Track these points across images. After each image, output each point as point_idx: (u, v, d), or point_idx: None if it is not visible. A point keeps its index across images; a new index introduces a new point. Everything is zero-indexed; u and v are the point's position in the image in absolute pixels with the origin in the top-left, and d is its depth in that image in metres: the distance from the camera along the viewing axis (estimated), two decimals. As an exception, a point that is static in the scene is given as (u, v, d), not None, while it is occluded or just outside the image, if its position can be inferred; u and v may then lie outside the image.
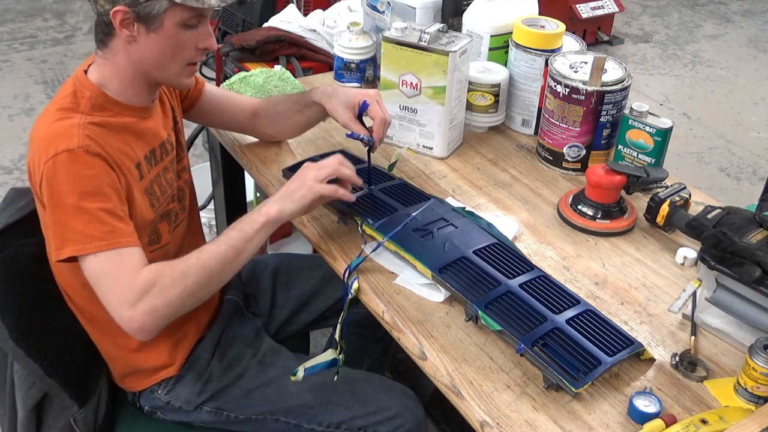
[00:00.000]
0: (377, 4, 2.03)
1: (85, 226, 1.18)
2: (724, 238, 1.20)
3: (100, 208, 1.20)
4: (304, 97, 1.61)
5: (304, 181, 1.33)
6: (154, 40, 1.25)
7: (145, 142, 1.35)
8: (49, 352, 1.32)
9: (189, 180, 1.55)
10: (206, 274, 1.25)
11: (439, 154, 1.74)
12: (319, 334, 2.22)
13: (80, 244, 1.19)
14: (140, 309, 1.19)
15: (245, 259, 1.30)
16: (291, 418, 1.44)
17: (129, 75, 1.29)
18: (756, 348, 1.10)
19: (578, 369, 1.12)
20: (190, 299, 1.25)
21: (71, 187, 1.18)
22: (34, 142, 1.23)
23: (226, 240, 1.28)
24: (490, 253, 1.35)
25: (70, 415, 1.35)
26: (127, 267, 1.21)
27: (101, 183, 1.21)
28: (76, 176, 1.19)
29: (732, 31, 5.50)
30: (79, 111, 1.25)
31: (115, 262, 1.20)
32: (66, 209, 1.18)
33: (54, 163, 1.18)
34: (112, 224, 1.20)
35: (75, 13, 5.12)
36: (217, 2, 1.24)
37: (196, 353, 1.48)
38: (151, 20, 1.22)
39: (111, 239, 1.19)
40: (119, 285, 1.19)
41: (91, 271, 1.21)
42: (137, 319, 1.19)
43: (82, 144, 1.20)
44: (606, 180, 1.48)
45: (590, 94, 1.60)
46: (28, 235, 1.38)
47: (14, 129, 3.67)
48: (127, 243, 1.21)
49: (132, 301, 1.19)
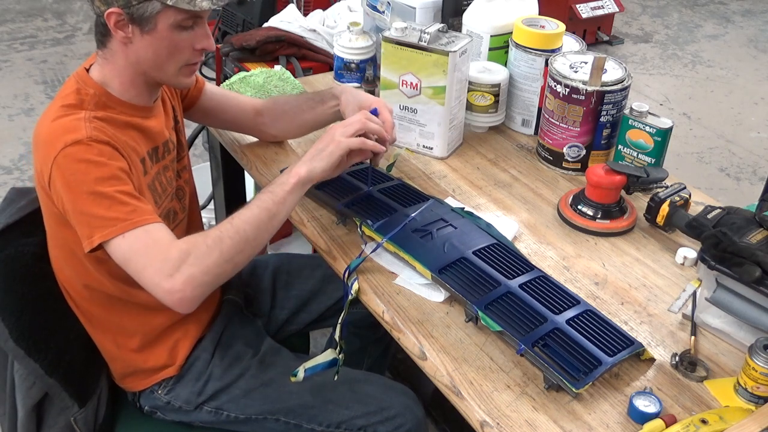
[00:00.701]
0: (377, 4, 2.03)
1: (107, 210, 1.17)
2: (724, 238, 1.20)
3: (118, 190, 1.19)
4: (322, 92, 1.61)
5: (333, 138, 1.32)
6: (148, 42, 1.24)
7: (149, 139, 1.35)
8: (49, 352, 1.32)
9: (189, 179, 1.55)
10: (241, 238, 1.23)
11: (439, 154, 1.74)
12: (319, 334, 2.22)
13: (107, 228, 1.17)
14: (179, 279, 1.17)
15: (279, 222, 1.28)
16: (291, 418, 1.44)
17: (129, 75, 1.29)
18: (756, 348, 1.10)
19: (579, 369, 1.12)
20: (227, 265, 1.22)
21: (85, 176, 1.18)
22: (39, 142, 1.23)
23: (258, 203, 1.27)
24: (489, 254, 1.35)
25: (71, 415, 1.36)
26: (158, 241, 1.19)
27: (113, 168, 1.20)
28: (89, 164, 1.18)
29: (732, 31, 5.50)
30: (83, 108, 1.25)
31: (144, 239, 1.18)
32: (85, 198, 1.18)
33: (65, 155, 1.17)
34: (134, 204, 1.19)
35: (75, 13, 5.12)
36: (209, 4, 1.23)
37: (196, 353, 1.48)
38: (145, 22, 1.22)
39: (135, 218, 1.18)
40: (153, 259, 1.18)
41: (122, 253, 1.18)
42: (177, 288, 1.17)
43: (90, 134, 1.19)
44: (606, 180, 1.48)
45: (590, 94, 1.60)
46: (28, 234, 1.38)
47: (14, 129, 3.67)
48: (153, 220, 1.20)
49: (169, 272, 1.17)
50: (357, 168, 1.59)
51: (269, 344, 1.55)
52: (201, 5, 1.22)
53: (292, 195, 1.29)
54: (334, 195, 1.51)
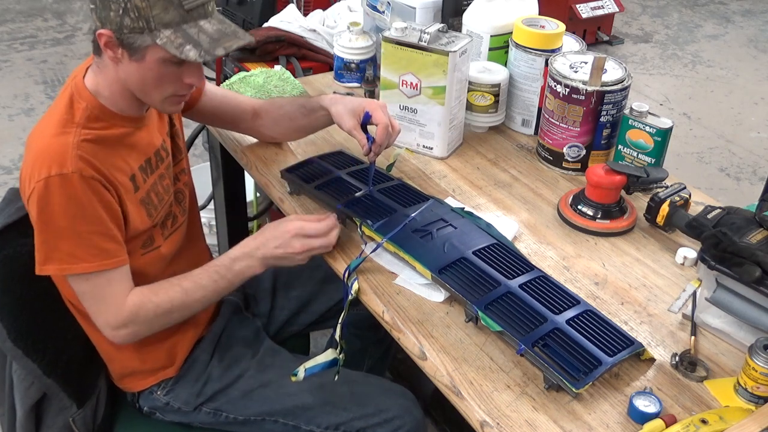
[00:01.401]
0: (377, 4, 2.03)
1: (74, 248, 1.21)
2: (724, 238, 1.20)
3: (91, 231, 1.22)
4: (311, 102, 1.60)
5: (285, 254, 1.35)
6: (136, 68, 1.22)
7: (139, 153, 1.35)
8: (47, 352, 1.32)
9: (188, 182, 1.54)
10: (188, 310, 1.36)
11: (439, 154, 1.74)
12: (320, 335, 2.22)
13: (66, 264, 1.22)
14: (122, 333, 1.30)
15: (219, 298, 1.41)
16: (290, 420, 1.44)
17: (118, 88, 1.28)
18: (756, 348, 1.10)
19: (579, 369, 1.12)
20: (168, 325, 1.36)
21: (64, 211, 1.20)
22: (30, 154, 1.23)
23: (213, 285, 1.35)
24: (489, 254, 1.35)
25: (69, 415, 1.36)
26: (113, 293, 1.27)
27: (95, 206, 1.22)
28: (69, 200, 1.20)
29: (732, 31, 5.50)
30: (75, 123, 1.24)
31: (101, 287, 1.26)
32: (56, 230, 1.21)
33: (46, 185, 1.19)
34: (102, 246, 1.23)
35: (75, 13, 5.12)
36: (196, 56, 1.18)
37: (195, 354, 1.47)
38: (134, 51, 1.20)
39: (97, 261, 1.23)
40: (105, 310, 1.28)
41: (78, 288, 1.27)
42: (119, 339, 1.31)
43: (75, 168, 1.20)
44: (606, 180, 1.48)
45: (590, 94, 1.60)
46: (26, 235, 1.37)
47: (14, 129, 3.67)
48: (114, 264, 1.25)
49: (116, 326, 1.29)
50: (357, 168, 1.59)
51: (268, 345, 1.55)
52: (188, 54, 1.18)
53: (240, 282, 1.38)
54: (334, 195, 1.50)
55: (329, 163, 1.61)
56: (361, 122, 1.49)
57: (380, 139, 1.46)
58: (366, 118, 1.48)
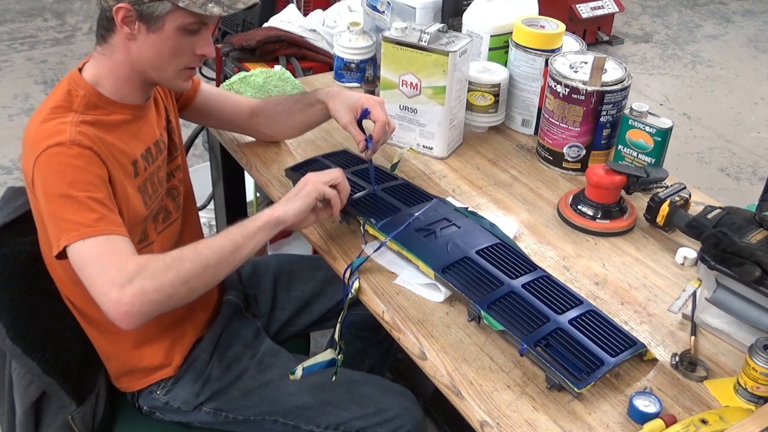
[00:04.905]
0: (377, 4, 2.03)
1: (75, 214, 1.16)
2: (724, 238, 1.20)
3: (90, 197, 1.18)
4: (308, 96, 1.61)
5: (309, 181, 1.34)
6: (153, 41, 1.25)
7: (141, 141, 1.35)
8: (46, 350, 1.32)
9: (184, 179, 1.54)
10: (202, 262, 1.20)
11: (439, 154, 1.74)
12: (320, 335, 2.22)
13: (71, 232, 1.15)
14: (129, 291, 1.12)
15: (244, 256, 1.27)
16: (289, 419, 1.44)
17: (125, 72, 1.29)
18: (756, 348, 1.10)
19: (581, 369, 1.12)
20: (182, 287, 1.18)
21: (61, 177, 1.18)
22: (27, 143, 1.23)
23: (226, 234, 1.27)
24: (492, 254, 1.35)
25: (68, 414, 1.35)
26: (118, 252, 1.16)
27: (90, 174, 1.20)
28: (65, 166, 1.18)
29: (732, 31, 5.50)
30: (73, 110, 1.25)
31: (104, 247, 1.16)
32: (57, 200, 1.17)
33: (45, 156, 1.18)
34: (102, 212, 1.18)
35: (75, 13, 5.12)
36: (220, 11, 1.24)
37: (195, 354, 1.47)
38: (153, 21, 1.23)
39: (100, 226, 1.17)
40: (108, 268, 1.14)
41: (79, 257, 1.16)
42: (125, 300, 1.12)
43: (72, 138, 1.19)
44: (606, 180, 1.48)
45: (590, 94, 1.60)
46: (25, 233, 1.38)
47: (14, 129, 3.67)
48: (118, 232, 1.19)
49: (121, 283, 1.12)
50: (360, 167, 1.59)
51: (268, 345, 1.55)
52: (212, 11, 1.23)
53: (262, 231, 1.28)
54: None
55: (333, 162, 1.61)
56: (358, 118, 1.49)
57: (377, 136, 1.47)
58: (364, 114, 1.48)
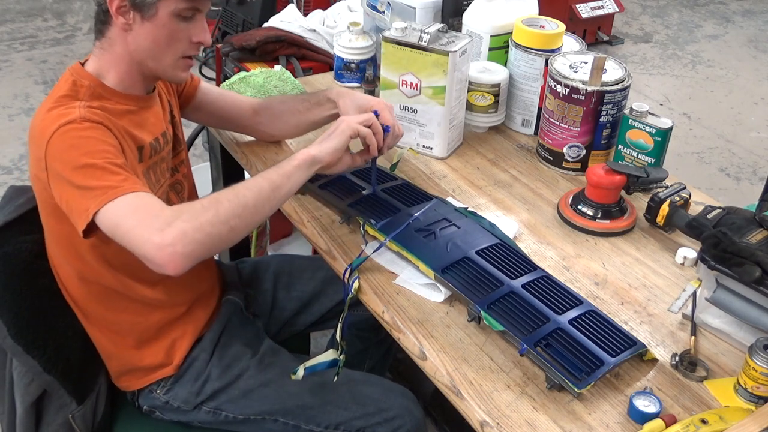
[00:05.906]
0: (377, 4, 2.03)
1: (98, 180, 1.15)
2: (724, 238, 1.20)
3: (109, 162, 1.17)
4: (315, 95, 1.61)
5: (343, 120, 1.36)
6: (148, 29, 1.25)
7: (148, 131, 1.35)
8: (47, 349, 1.32)
9: (187, 174, 1.54)
10: (240, 202, 1.18)
11: (439, 154, 1.74)
12: (320, 335, 2.22)
13: (98, 198, 1.13)
14: (170, 234, 1.09)
15: (283, 195, 1.25)
16: (289, 419, 1.44)
17: (126, 64, 1.30)
18: (756, 348, 1.10)
19: (581, 369, 1.12)
20: (223, 226, 1.15)
21: (77, 150, 1.17)
22: (35, 133, 1.22)
23: (263, 174, 1.25)
24: (492, 254, 1.35)
25: (69, 412, 1.35)
26: (150, 204, 1.15)
27: (105, 143, 1.19)
28: (80, 139, 1.17)
29: (732, 31, 5.50)
30: (79, 98, 1.25)
31: (136, 202, 1.14)
32: (77, 172, 1.15)
33: (58, 135, 1.17)
34: (125, 174, 1.17)
35: (75, 13, 5.12)
36: None
37: (195, 353, 1.47)
38: (146, 8, 1.23)
39: (127, 185, 1.15)
40: (144, 217, 1.12)
41: (112, 217, 1.13)
42: (168, 242, 1.09)
43: (83, 115, 1.20)
44: (606, 180, 1.48)
45: (590, 94, 1.60)
46: (26, 232, 1.38)
47: (14, 129, 3.67)
48: (145, 190, 1.18)
49: (161, 227, 1.10)
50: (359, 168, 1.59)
51: (268, 345, 1.55)
52: None
53: (299, 171, 1.27)
54: (338, 194, 1.51)
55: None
56: None
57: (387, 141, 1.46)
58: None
